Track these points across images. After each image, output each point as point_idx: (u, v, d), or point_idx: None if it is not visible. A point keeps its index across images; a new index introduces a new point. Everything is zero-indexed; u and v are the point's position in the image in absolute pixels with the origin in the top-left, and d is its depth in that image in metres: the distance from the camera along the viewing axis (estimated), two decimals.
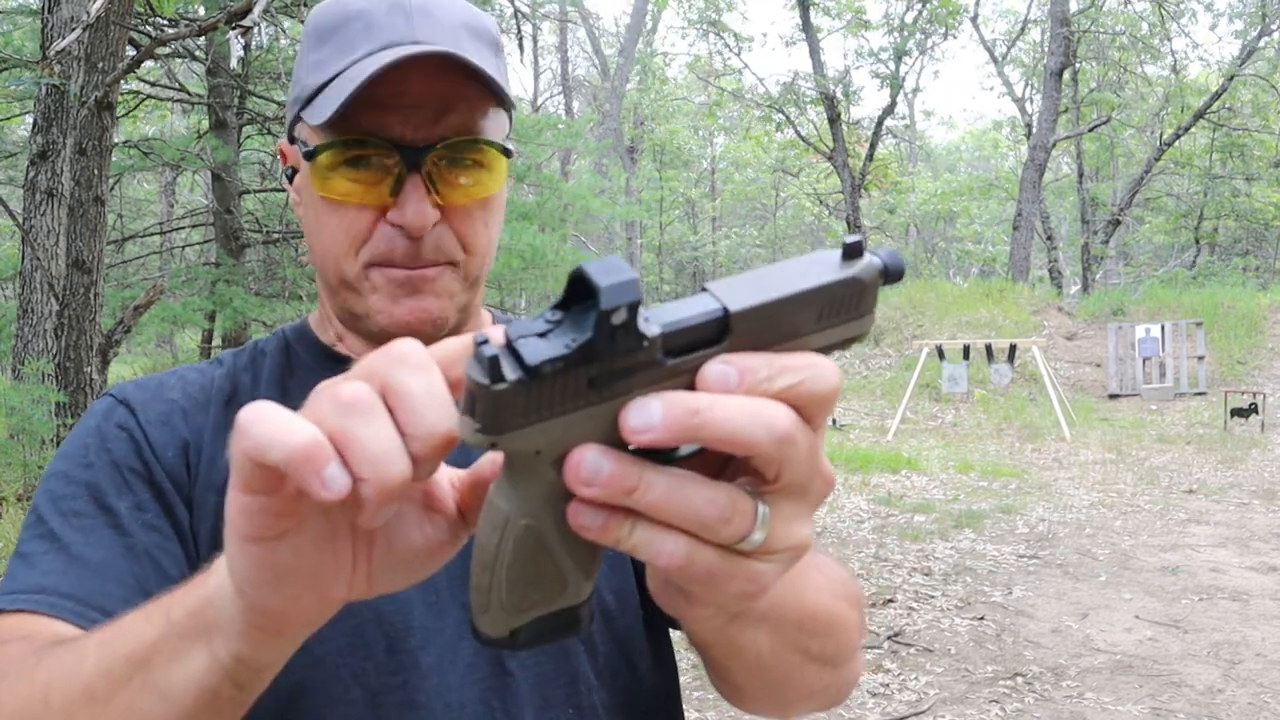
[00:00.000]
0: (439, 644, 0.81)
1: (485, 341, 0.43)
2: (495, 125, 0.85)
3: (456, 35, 0.82)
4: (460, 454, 0.49)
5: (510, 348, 0.43)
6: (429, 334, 0.83)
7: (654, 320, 0.45)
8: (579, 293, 0.44)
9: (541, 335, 0.43)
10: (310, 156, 0.82)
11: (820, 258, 0.49)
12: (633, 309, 0.43)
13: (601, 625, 0.84)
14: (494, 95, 0.82)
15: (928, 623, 5.24)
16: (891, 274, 0.50)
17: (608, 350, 0.43)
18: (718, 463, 0.48)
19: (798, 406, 0.45)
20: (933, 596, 5.71)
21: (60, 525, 0.76)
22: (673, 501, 0.44)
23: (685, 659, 0.89)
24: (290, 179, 0.89)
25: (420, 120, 0.80)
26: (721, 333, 0.46)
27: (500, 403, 0.43)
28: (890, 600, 5.61)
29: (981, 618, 5.32)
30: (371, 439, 0.43)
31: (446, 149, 0.81)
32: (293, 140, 0.87)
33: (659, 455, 0.46)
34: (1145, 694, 4.25)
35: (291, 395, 0.87)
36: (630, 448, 0.45)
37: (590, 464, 0.43)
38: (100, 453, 0.80)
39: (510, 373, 0.42)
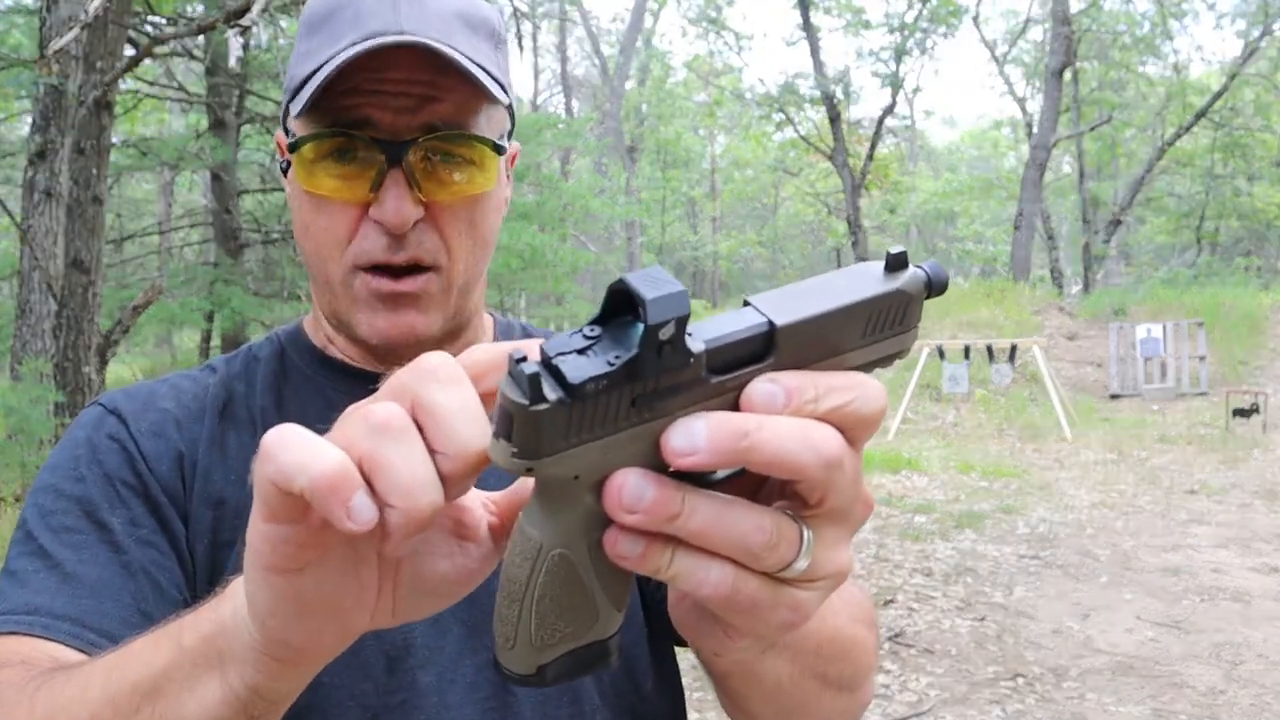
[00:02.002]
0: (439, 663, 0.79)
1: (523, 359, 0.40)
2: (489, 121, 0.81)
3: (448, 25, 0.79)
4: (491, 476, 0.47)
5: (549, 365, 0.40)
6: (412, 348, 0.80)
7: (697, 336, 0.42)
8: (619, 305, 0.41)
9: (581, 352, 0.40)
10: (294, 148, 0.79)
11: (864, 270, 0.47)
12: (681, 323, 0.40)
13: None
14: (483, 89, 0.77)
15: (928, 623, 5.23)
16: (935, 286, 0.48)
17: (654, 368, 0.41)
18: (754, 484, 0.46)
19: (844, 428, 0.43)
20: (933, 597, 5.69)
21: (51, 542, 0.73)
22: (718, 527, 0.42)
23: (684, 659, 0.89)
24: (285, 171, 0.86)
25: (402, 111, 0.77)
26: (768, 349, 0.44)
27: (540, 425, 0.40)
28: (891, 601, 5.59)
29: (982, 618, 5.30)
30: (402, 464, 0.41)
31: (430, 142, 0.77)
32: (287, 133, 0.85)
33: (695, 477, 0.44)
34: (1146, 695, 4.24)
35: (286, 401, 0.86)
36: (670, 470, 0.42)
37: (633, 489, 0.41)
38: (92, 465, 0.77)
39: (551, 392, 0.39)
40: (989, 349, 13.48)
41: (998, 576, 6.13)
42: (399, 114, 0.76)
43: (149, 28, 8.11)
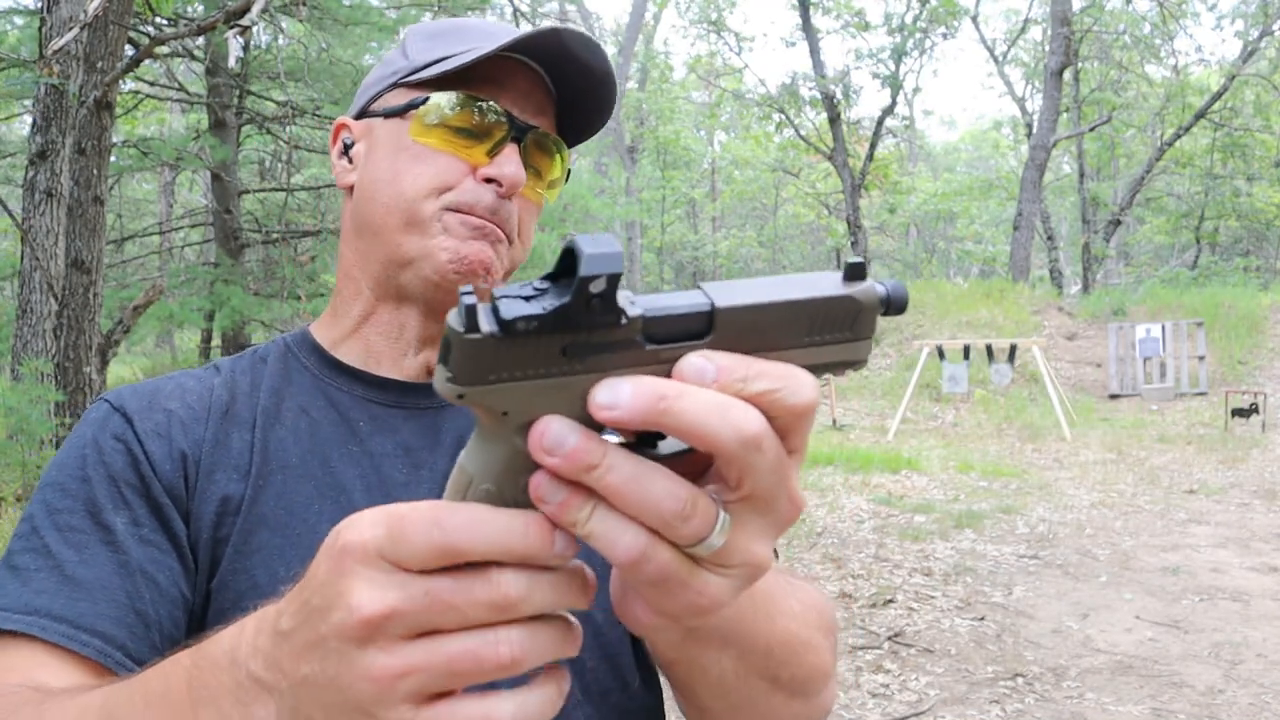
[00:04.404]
0: None
1: (470, 292, 0.43)
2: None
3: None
4: None
5: (493, 303, 0.43)
6: (479, 279, 0.87)
7: (640, 304, 0.45)
8: (570, 264, 0.44)
9: (526, 299, 0.44)
10: (419, 104, 0.86)
11: (823, 275, 0.49)
12: (612, 280, 0.43)
13: (591, 642, 0.82)
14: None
15: (928, 623, 5.23)
16: (894, 305, 0.50)
17: (583, 318, 0.43)
18: (699, 469, 0.47)
19: (771, 415, 0.44)
20: (933, 597, 5.70)
21: (55, 540, 0.75)
22: (633, 487, 0.42)
23: None
24: (346, 151, 0.92)
25: (526, 108, 0.88)
26: (706, 328, 0.46)
27: (471, 352, 0.43)
28: (890, 600, 5.60)
29: (982, 618, 5.31)
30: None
31: (543, 135, 0.89)
32: (363, 116, 0.91)
33: (639, 449, 0.46)
34: (1146, 694, 4.24)
35: (289, 400, 0.87)
36: (603, 431, 0.45)
37: (555, 433, 0.42)
38: (97, 466, 0.79)
39: (486, 325, 0.43)
40: (988, 349, 13.48)
41: (997, 576, 6.13)
42: (523, 111, 0.88)
43: (150, 28, 8.12)
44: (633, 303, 0.45)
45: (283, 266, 10.37)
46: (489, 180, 0.86)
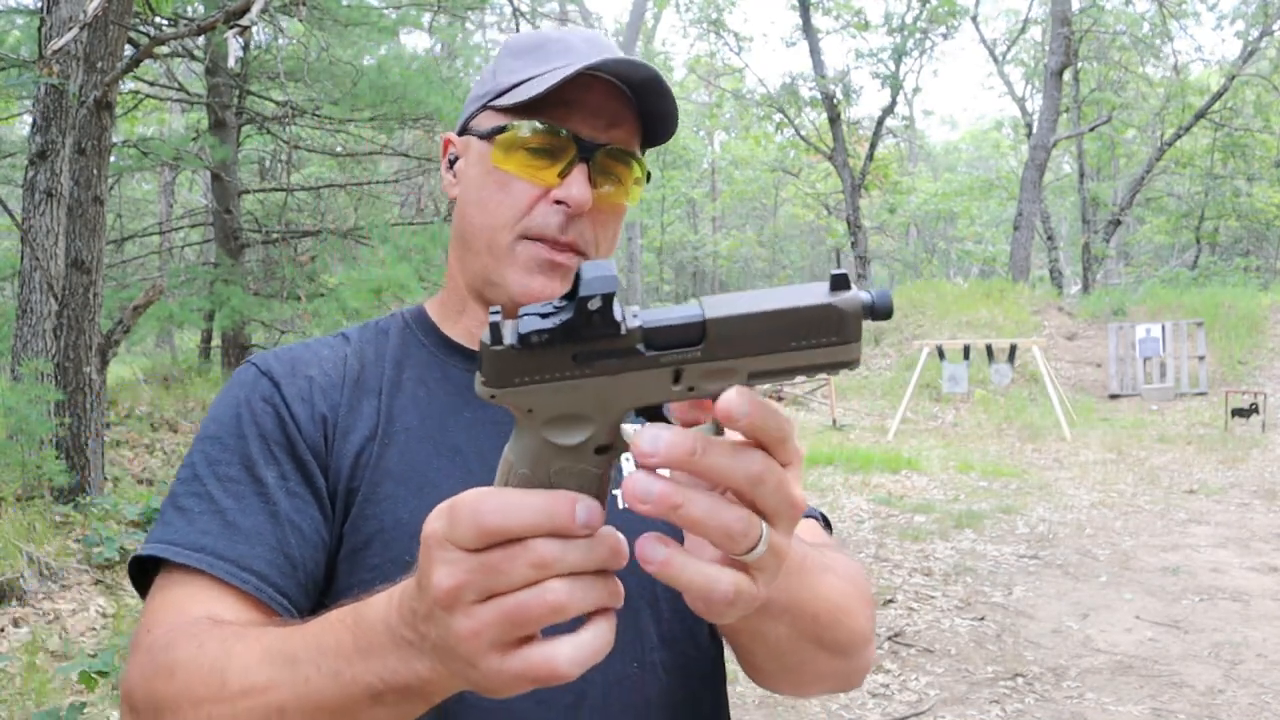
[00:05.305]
0: None
1: (497, 312, 0.54)
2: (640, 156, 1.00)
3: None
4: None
5: (516, 320, 0.54)
6: None
7: (642, 318, 0.54)
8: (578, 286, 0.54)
9: (544, 315, 0.54)
10: (500, 131, 0.95)
11: (810, 286, 0.56)
12: (607, 298, 0.52)
13: (669, 596, 0.94)
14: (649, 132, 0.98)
15: (928, 623, 5.23)
16: (878, 312, 0.56)
17: (586, 330, 0.53)
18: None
19: (763, 445, 0.56)
20: (933, 597, 5.70)
21: (216, 488, 0.88)
22: (712, 515, 0.55)
23: None
24: (451, 165, 1.04)
25: (596, 125, 0.95)
26: (699, 336, 0.54)
27: (497, 361, 0.54)
28: (890, 600, 5.60)
29: (982, 618, 5.31)
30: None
31: (613, 151, 0.95)
32: (463, 133, 1.02)
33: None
34: (1146, 694, 4.24)
35: (406, 375, 1.00)
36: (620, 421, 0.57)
37: (643, 483, 0.54)
38: (250, 425, 0.92)
39: (508, 338, 0.54)
40: (988, 349, 13.48)
41: (997, 576, 6.13)
42: (593, 128, 0.95)
43: (149, 28, 8.11)
44: (635, 316, 0.54)
45: (283, 266, 10.36)
46: (560, 201, 0.94)
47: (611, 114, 0.95)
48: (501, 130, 0.95)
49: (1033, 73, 28.69)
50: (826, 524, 1.04)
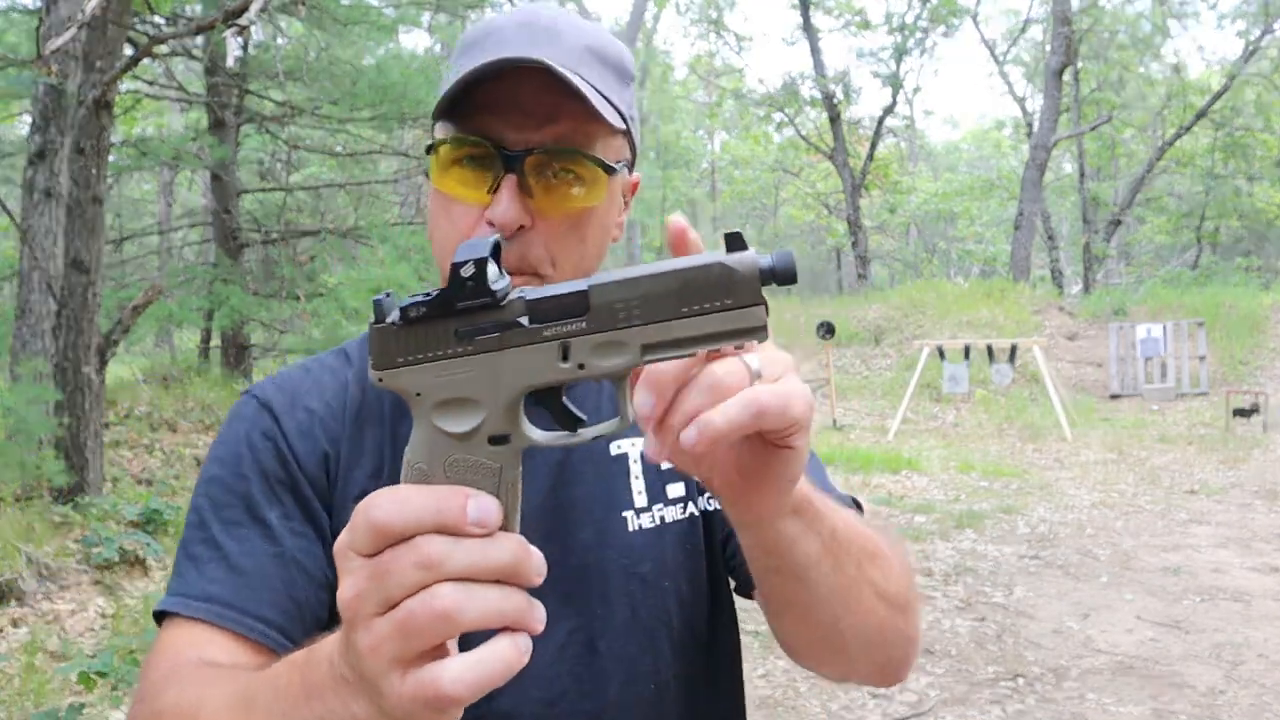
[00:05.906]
0: None
1: (389, 294, 0.53)
2: (605, 147, 0.88)
3: (578, 56, 0.87)
4: None
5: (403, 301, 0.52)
6: None
7: (527, 292, 0.52)
8: None
9: (428, 294, 0.52)
10: (430, 150, 0.88)
11: (708, 252, 0.53)
12: (480, 264, 0.51)
13: (676, 608, 0.93)
14: (598, 114, 0.85)
15: (928, 623, 5.22)
16: (779, 275, 0.52)
17: (461, 299, 0.51)
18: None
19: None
20: (933, 597, 5.69)
21: (221, 533, 0.88)
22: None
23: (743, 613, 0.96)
24: (429, 175, 0.97)
25: (524, 126, 0.84)
26: (583, 305, 0.51)
27: (380, 340, 0.53)
28: None
29: (982, 618, 5.30)
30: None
31: (543, 155, 0.84)
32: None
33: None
34: (1147, 695, 4.23)
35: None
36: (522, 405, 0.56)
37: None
38: (252, 465, 0.90)
39: (390, 316, 0.53)
40: (989, 349, 13.47)
41: (998, 576, 6.12)
42: (522, 129, 0.84)
43: (148, 27, 8.10)
44: (522, 291, 0.52)
45: (282, 266, 10.35)
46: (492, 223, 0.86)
47: (547, 109, 0.84)
48: (432, 147, 0.88)
49: (1033, 72, 28.70)
50: (859, 508, 0.98)
